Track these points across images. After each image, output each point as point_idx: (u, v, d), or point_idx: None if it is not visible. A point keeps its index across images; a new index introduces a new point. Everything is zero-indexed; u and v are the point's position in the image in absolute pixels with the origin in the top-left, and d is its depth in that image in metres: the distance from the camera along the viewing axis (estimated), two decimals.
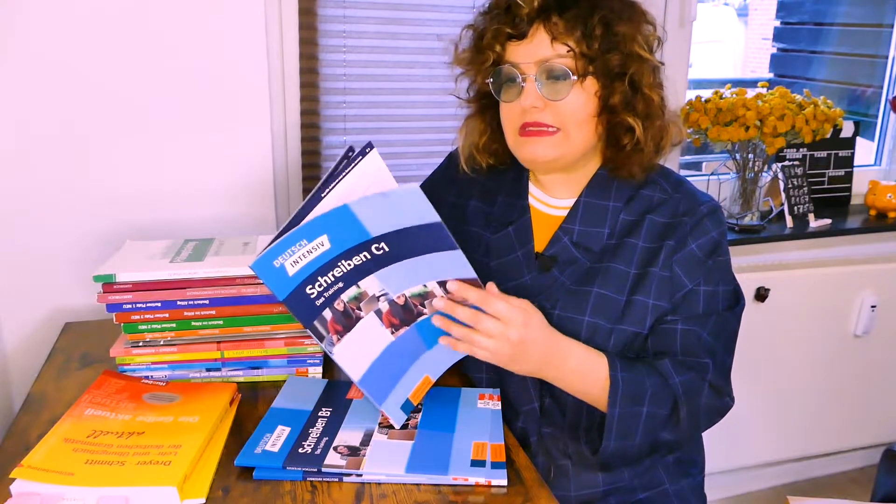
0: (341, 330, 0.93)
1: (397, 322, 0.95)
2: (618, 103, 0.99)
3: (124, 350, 1.08)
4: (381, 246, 0.88)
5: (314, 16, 1.53)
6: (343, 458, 0.90)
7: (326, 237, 0.86)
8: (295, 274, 0.87)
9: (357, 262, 0.89)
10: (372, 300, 0.93)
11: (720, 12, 5.47)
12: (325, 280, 0.89)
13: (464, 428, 0.97)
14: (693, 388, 1.00)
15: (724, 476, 2.06)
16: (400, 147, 1.68)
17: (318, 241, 0.86)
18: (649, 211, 1.05)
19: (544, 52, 0.97)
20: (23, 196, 1.36)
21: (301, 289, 0.89)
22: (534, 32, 0.97)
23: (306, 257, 0.87)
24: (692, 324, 1.02)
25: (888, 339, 2.12)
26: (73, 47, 1.33)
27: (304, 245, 0.86)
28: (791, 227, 1.96)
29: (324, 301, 0.91)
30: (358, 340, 0.94)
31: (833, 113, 1.87)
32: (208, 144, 1.45)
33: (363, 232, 0.86)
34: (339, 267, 0.89)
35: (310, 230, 0.86)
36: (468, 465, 0.89)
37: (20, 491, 0.81)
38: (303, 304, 0.90)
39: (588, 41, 0.96)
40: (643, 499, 1.10)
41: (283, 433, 0.95)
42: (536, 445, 1.08)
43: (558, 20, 0.96)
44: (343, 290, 0.91)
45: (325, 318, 0.92)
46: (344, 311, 0.92)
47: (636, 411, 0.97)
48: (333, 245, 0.87)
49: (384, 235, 0.87)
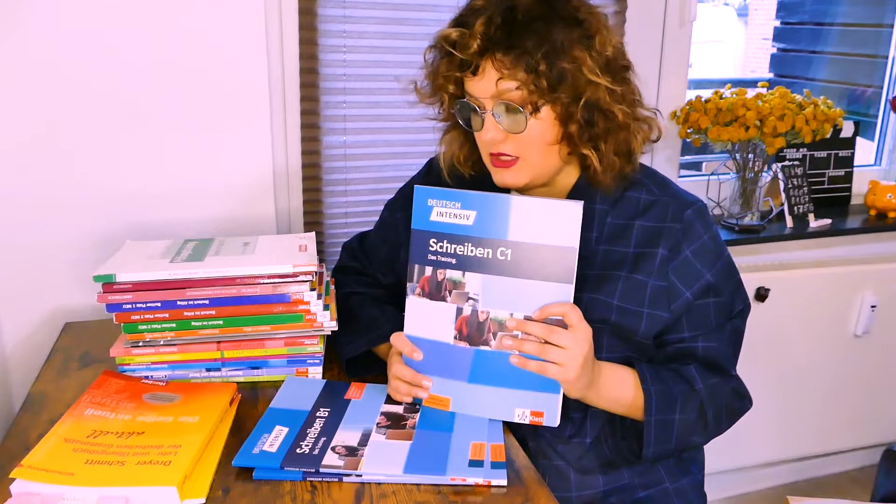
0: (427, 292, 0.98)
1: (465, 333, 0.97)
2: (575, 131, 0.97)
3: (124, 350, 1.09)
4: (507, 252, 0.93)
5: (314, 16, 1.53)
6: (341, 458, 0.90)
7: (475, 214, 0.94)
8: (434, 221, 0.96)
9: (479, 253, 0.94)
10: (463, 295, 0.96)
11: (720, 12, 5.47)
12: (447, 247, 0.96)
13: (462, 428, 0.97)
14: (718, 392, 1.03)
15: (724, 476, 2.06)
16: (400, 147, 1.68)
17: (467, 213, 0.94)
18: (637, 215, 1.04)
19: (495, 88, 0.95)
20: (23, 196, 1.36)
21: (428, 235, 0.96)
22: (483, 69, 0.95)
23: (450, 218, 0.95)
24: (711, 339, 1.03)
25: (888, 339, 2.12)
26: (73, 47, 1.33)
27: (456, 206, 0.95)
28: (791, 227, 1.96)
29: (433, 261, 0.97)
30: (429, 312, 0.98)
31: (833, 113, 1.87)
32: (208, 144, 1.45)
33: (504, 230, 0.93)
34: (464, 247, 0.95)
35: (468, 199, 0.94)
36: (466, 466, 0.89)
37: (20, 491, 0.81)
38: (420, 246, 0.97)
39: (535, 78, 0.93)
40: (643, 497, 1.10)
41: (280, 433, 0.94)
42: (535, 449, 1.08)
43: (503, 57, 0.93)
44: (452, 267, 0.96)
45: (425, 270, 0.97)
46: (440, 283, 0.97)
47: (669, 419, 0.99)
48: (475, 224, 0.94)
49: (517, 243, 0.93)
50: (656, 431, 0.99)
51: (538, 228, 0.92)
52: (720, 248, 1.05)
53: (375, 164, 1.68)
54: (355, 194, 1.68)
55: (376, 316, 1.15)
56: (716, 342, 1.03)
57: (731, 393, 1.05)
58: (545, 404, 0.96)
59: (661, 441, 1.00)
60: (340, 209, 1.68)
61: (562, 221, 0.91)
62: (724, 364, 1.05)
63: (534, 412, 0.97)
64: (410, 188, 1.21)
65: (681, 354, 1.04)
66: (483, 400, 0.98)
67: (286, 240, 1.22)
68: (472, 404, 0.99)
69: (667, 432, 1.00)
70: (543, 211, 0.92)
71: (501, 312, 0.95)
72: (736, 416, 1.07)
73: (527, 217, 0.92)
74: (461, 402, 1.00)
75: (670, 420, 0.99)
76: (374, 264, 1.24)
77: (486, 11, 0.95)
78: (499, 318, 0.95)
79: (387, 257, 1.21)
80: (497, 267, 0.94)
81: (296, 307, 1.09)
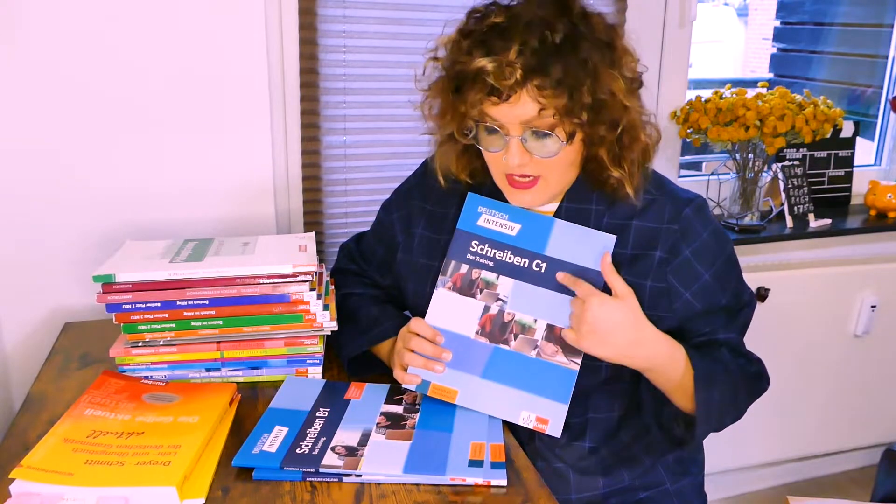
0: (458, 287, 1.04)
1: (488, 330, 1.02)
2: (604, 154, 0.97)
3: (124, 350, 1.08)
4: (542, 265, 1.02)
5: (314, 16, 1.52)
6: (341, 458, 0.90)
7: (520, 227, 1.04)
8: (480, 226, 1.05)
9: (516, 262, 1.03)
10: (492, 296, 1.03)
11: (720, 12, 5.46)
12: (487, 250, 1.04)
13: (462, 428, 0.97)
14: (745, 374, 1.05)
15: (724, 476, 2.06)
16: (400, 147, 1.68)
17: (512, 225, 1.04)
18: (634, 215, 1.03)
19: (530, 114, 0.92)
20: (23, 196, 1.36)
21: (470, 236, 1.05)
22: (518, 96, 0.91)
23: (496, 226, 1.05)
24: (729, 330, 1.05)
25: (888, 339, 2.11)
26: (73, 48, 1.33)
27: (503, 217, 1.05)
28: (791, 227, 1.96)
29: (473, 261, 1.04)
30: (456, 306, 1.04)
31: (833, 113, 1.87)
32: (208, 144, 1.45)
33: (543, 245, 1.03)
34: (503, 253, 1.04)
35: (516, 213, 1.04)
36: (466, 466, 0.89)
37: (20, 491, 0.81)
38: (462, 245, 1.05)
39: (576, 109, 0.91)
40: (644, 498, 1.10)
41: (280, 433, 0.94)
42: (533, 453, 1.08)
43: (543, 83, 0.90)
44: (488, 269, 1.04)
45: (459, 266, 1.04)
46: (473, 281, 1.04)
47: (712, 396, 0.99)
48: (518, 236, 1.04)
49: (553, 259, 1.02)
50: (706, 409, 0.99)
51: (574, 250, 1.01)
52: (721, 243, 1.05)
53: (375, 164, 1.67)
54: (355, 194, 1.68)
55: (376, 315, 1.15)
56: (734, 332, 1.06)
57: (755, 374, 1.07)
58: (552, 413, 0.98)
59: (708, 420, 1.00)
60: (340, 209, 1.67)
61: (595, 247, 1.00)
62: (744, 349, 1.07)
63: (539, 418, 0.98)
64: (406, 188, 1.21)
65: (706, 345, 1.04)
66: (491, 397, 1.00)
67: (286, 240, 1.22)
68: (479, 400, 1.00)
69: (711, 410, 0.99)
70: (581, 236, 1.01)
71: (527, 317, 1.01)
72: (756, 396, 1.08)
73: (565, 238, 1.02)
74: (469, 396, 1.01)
75: (713, 398, 0.99)
76: (372, 265, 1.24)
77: (513, 35, 0.90)
78: (523, 321, 1.01)
79: (384, 258, 1.21)
80: (530, 276, 1.02)
81: (295, 307, 1.09)
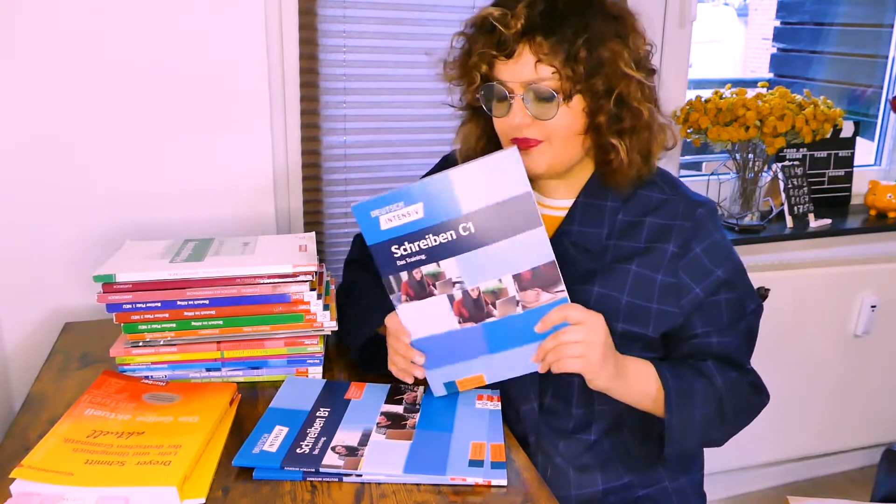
0: (413, 295, 0.97)
1: (466, 315, 0.98)
2: (604, 122, 0.99)
3: (124, 350, 1.08)
4: (468, 226, 0.92)
5: (314, 16, 1.53)
6: (341, 458, 0.90)
7: (422, 205, 0.92)
8: (386, 230, 0.93)
9: (443, 239, 0.93)
10: (447, 283, 0.96)
11: (720, 12, 5.46)
12: (410, 247, 0.94)
13: (462, 428, 0.98)
14: (736, 387, 1.04)
15: (724, 476, 2.06)
16: (400, 147, 1.68)
17: (414, 208, 0.92)
18: (648, 212, 1.05)
19: (530, 73, 0.96)
20: (23, 196, 1.36)
21: (388, 245, 0.94)
22: (520, 52, 0.96)
23: (399, 219, 0.93)
24: (725, 335, 1.04)
25: (888, 339, 2.11)
26: (73, 47, 1.33)
27: (400, 207, 0.92)
28: (791, 227, 1.96)
29: (405, 265, 0.95)
30: (425, 311, 0.98)
31: (833, 113, 1.87)
32: (208, 144, 1.45)
33: (456, 207, 0.91)
34: (427, 240, 0.93)
35: (408, 194, 0.92)
36: (466, 466, 0.89)
37: (20, 491, 0.81)
38: (385, 258, 0.95)
39: (573, 64, 0.95)
40: (642, 496, 1.10)
41: (280, 433, 0.94)
42: (535, 445, 1.08)
43: (543, 41, 0.94)
44: (424, 262, 0.95)
45: (401, 277, 0.96)
46: (420, 282, 0.96)
47: (689, 416, 1.00)
48: (426, 215, 0.92)
49: (473, 213, 0.91)
50: (677, 428, 0.99)
51: (486, 191, 0.91)
52: (730, 248, 1.06)
53: (375, 164, 1.68)
54: (355, 194, 1.68)
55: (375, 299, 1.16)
56: (730, 338, 1.04)
57: (749, 387, 1.06)
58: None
59: (682, 438, 1.00)
60: (340, 209, 1.67)
61: (505, 173, 0.90)
62: (740, 359, 1.06)
63: None
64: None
65: (696, 351, 1.04)
66: (510, 362, 1.00)
67: (286, 240, 1.22)
68: (503, 370, 1.01)
69: (687, 429, 1.00)
70: (484, 172, 0.91)
71: (490, 282, 0.95)
72: (754, 411, 1.08)
73: (471, 186, 0.91)
74: (493, 372, 1.02)
75: (690, 417, 0.99)
76: None
77: None
78: (490, 288, 0.96)
79: None
80: (466, 243, 0.93)
81: (296, 307, 1.09)
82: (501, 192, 0.91)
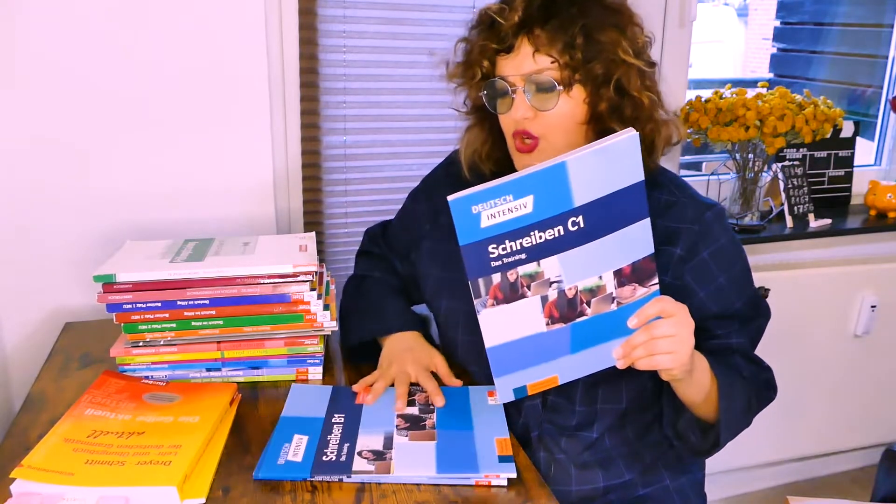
0: (501, 298, 0.88)
1: (557, 316, 0.90)
2: (605, 110, 0.99)
3: (124, 350, 1.08)
4: (578, 221, 0.84)
5: (314, 16, 1.53)
6: (370, 462, 0.89)
7: (532, 198, 0.83)
8: (487, 227, 0.84)
9: (549, 236, 0.85)
10: (544, 284, 0.88)
11: (720, 12, 5.47)
12: (511, 245, 0.85)
13: (481, 425, 0.97)
14: (757, 380, 1.06)
15: (724, 476, 2.06)
16: (400, 147, 1.68)
17: (523, 202, 0.83)
18: (657, 215, 1.04)
19: (529, 65, 0.97)
20: (23, 196, 1.36)
21: (485, 244, 0.84)
22: (519, 45, 0.98)
23: (505, 215, 0.83)
24: (742, 335, 1.06)
25: (888, 339, 2.12)
26: (73, 47, 1.33)
27: (508, 201, 0.82)
28: (791, 227, 1.96)
29: (500, 266, 0.86)
30: (511, 315, 0.89)
31: (833, 113, 1.87)
32: (208, 144, 1.45)
33: (568, 199, 0.83)
34: (531, 237, 0.85)
35: (519, 186, 0.82)
36: (496, 462, 0.89)
37: (20, 491, 0.81)
38: (477, 258, 0.85)
39: (570, 51, 0.96)
40: (643, 495, 1.10)
41: (301, 442, 0.93)
42: (537, 441, 1.08)
43: (541, 32, 0.96)
44: (523, 262, 0.86)
45: (491, 280, 0.87)
46: (513, 284, 0.87)
47: (733, 406, 1.00)
48: (536, 209, 0.83)
49: (586, 206, 0.84)
50: (731, 419, 1.00)
51: (602, 180, 0.83)
52: (738, 253, 1.07)
53: (375, 164, 1.68)
54: (355, 194, 1.68)
55: (384, 307, 1.17)
56: (745, 338, 1.06)
57: (765, 383, 1.08)
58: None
59: (728, 429, 1.00)
60: (340, 209, 1.67)
61: (623, 160, 0.82)
62: (752, 353, 1.08)
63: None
64: (434, 178, 1.24)
65: (718, 350, 1.04)
66: (588, 360, 0.94)
67: (286, 240, 1.22)
68: (579, 369, 0.95)
69: (732, 421, 1.00)
70: (602, 160, 0.82)
71: (590, 280, 0.88)
72: (765, 405, 1.09)
73: (586, 175, 0.82)
74: (567, 372, 0.95)
75: (735, 408, 1.00)
76: (394, 251, 1.27)
77: None
78: (588, 286, 0.88)
79: (405, 246, 1.23)
80: (572, 239, 0.85)
81: (296, 307, 1.09)
82: (616, 182, 0.83)
